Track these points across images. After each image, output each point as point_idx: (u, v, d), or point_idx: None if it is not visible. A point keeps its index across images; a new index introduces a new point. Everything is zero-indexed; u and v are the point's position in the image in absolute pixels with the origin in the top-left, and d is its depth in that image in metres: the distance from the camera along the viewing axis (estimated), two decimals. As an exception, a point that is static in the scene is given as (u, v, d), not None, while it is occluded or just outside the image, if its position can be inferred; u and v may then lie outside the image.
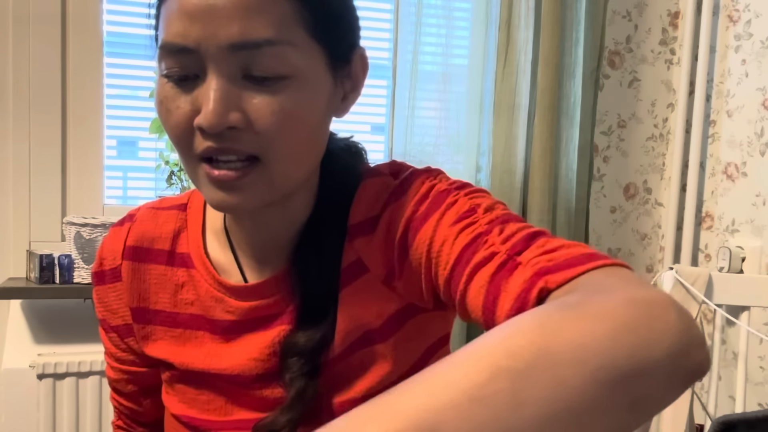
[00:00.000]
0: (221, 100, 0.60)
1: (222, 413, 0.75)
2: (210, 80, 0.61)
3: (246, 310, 0.73)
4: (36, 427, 1.57)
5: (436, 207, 0.66)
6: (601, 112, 2.07)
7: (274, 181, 0.64)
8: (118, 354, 0.81)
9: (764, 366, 1.86)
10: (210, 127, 0.60)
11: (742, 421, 0.97)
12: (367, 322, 0.71)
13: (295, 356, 0.69)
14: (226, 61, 0.60)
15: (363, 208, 0.71)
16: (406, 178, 0.71)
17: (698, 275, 1.37)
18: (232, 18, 0.59)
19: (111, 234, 0.80)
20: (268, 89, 0.61)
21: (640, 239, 2.18)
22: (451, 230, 0.63)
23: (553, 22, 1.83)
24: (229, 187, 0.63)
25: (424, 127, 1.87)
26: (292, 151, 0.64)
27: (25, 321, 1.67)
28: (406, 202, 0.68)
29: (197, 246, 0.76)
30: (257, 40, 0.60)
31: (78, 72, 1.73)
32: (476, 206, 0.64)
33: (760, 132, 1.90)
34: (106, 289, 0.79)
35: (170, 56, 0.62)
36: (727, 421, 0.97)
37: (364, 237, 0.71)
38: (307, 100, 0.64)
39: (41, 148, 1.70)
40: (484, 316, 0.59)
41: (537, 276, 0.54)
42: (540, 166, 1.85)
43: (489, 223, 0.62)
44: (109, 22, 1.78)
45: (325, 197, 0.73)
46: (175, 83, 0.63)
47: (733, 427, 0.97)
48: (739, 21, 1.97)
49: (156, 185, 1.84)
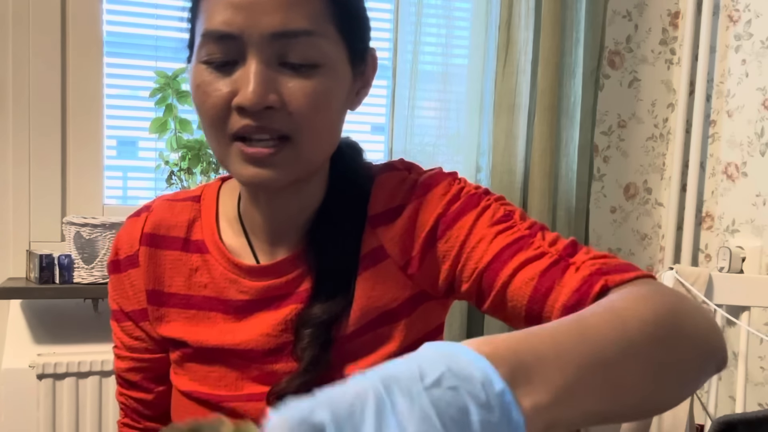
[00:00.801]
0: (262, 82, 0.67)
1: (233, 388, 0.79)
2: (250, 64, 0.68)
3: (260, 289, 0.78)
4: (36, 427, 1.57)
5: (470, 208, 0.74)
6: (601, 112, 2.07)
7: (302, 159, 0.72)
8: (131, 343, 0.84)
9: (764, 366, 1.86)
10: (251, 106, 0.67)
11: (742, 421, 0.97)
12: (383, 304, 0.77)
13: (310, 328, 0.74)
14: (266, 47, 0.68)
15: (383, 199, 0.78)
16: (431, 177, 0.79)
17: (698, 275, 1.37)
18: (274, 10, 0.67)
19: (128, 224, 0.85)
20: (301, 75, 0.69)
21: (640, 239, 2.18)
22: (488, 231, 0.72)
23: (553, 22, 1.83)
24: (262, 162, 0.70)
25: (424, 127, 1.87)
26: (319, 131, 0.72)
27: (25, 321, 1.67)
28: (434, 200, 0.76)
29: (212, 233, 0.82)
30: (296, 30, 0.68)
31: (78, 72, 1.73)
32: (511, 212, 0.74)
33: (761, 132, 1.90)
34: (121, 277, 0.83)
35: (213, 42, 0.69)
36: (727, 421, 0.97)
37: (386, 226, 0.78)
38: (334, 88, 0.72)
39: (41, 148, 1.70)
40: (529, 304, 0.68)
41: (597, 275, 0.64)
42: (540, 166, 1.85)
43: (529, 228, 0.72)
44: (109, 22, 1.78)
45: (337, 186, 0.80)
46: (215, 68, 0.69)
47: (733, 427, 0.97)
48: (739, 21, 1.97)
49: (156, 185, 1.84)
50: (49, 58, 1.69)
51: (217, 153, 0.74)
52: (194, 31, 0.73)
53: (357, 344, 0.77)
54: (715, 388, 1.39)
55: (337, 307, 0.75)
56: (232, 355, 0.79)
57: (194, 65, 0.72)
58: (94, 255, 1.58)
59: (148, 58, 1.82)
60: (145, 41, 1.82)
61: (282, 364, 0.78)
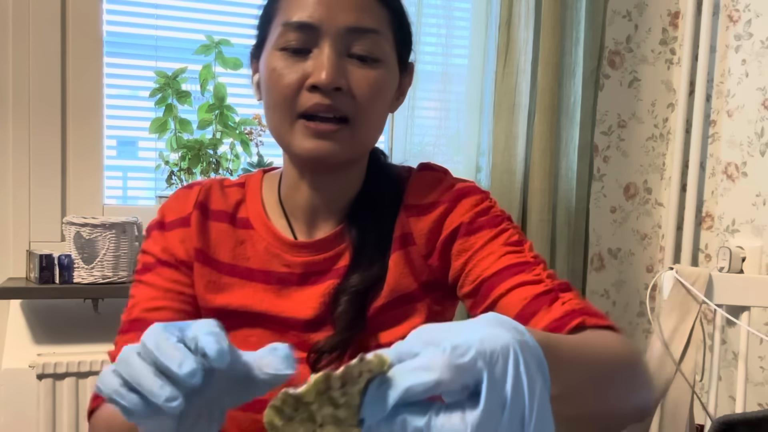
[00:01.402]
0: (335, 66, 0.80)
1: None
2: (325, 52, 0.80)
3: (301, 264, 0.88)
4: (36, 427, 1.57)
5: (491, 225, 0.87)
6: (601, 112, 2.07)
7: (357, 140, 0.84)
8: (168, 285, 0.88)
9: (764, 366, 1.86)
10: (325, 85, 0.79)
11: (742, 421, 0.97)
12: (408, 284, 0.87)
13: (347, 296, 0.84)
14: (339, 39, 0.81)
15: (419, 192, 0.90)
16: (468, 187, 0.91)
17: (698, 275, 1.37)
18: (349, 9, 0.81)
19: (179, 194, 0.93)
20: (366, 66, 0.82)
21: (640, 239, 2.18)
22: (500, 248, 0.84)
23: (553, 22, 1.83)
24: (324, 136, 0.81)
25: (424, 127, 1.87)
26: (373, 118, 0.85)
27: (25, 321, 1.67)
28: (464, 207, 0.88)
29: (257, 212, 0.91)
30: (366, 27, 0.82)
31: (78, 72, 1.73)
32: (523, 241, 0.86)
33: (761, 132, 1.90)
34: (166, 234, 0.90)
35: (294, 31, 0.81)
36: (727, 421, 0.97)
37: (417, 217, 0.89)
38: (389, 83, 0.86)
39: (41, 148, 1.70)
40: (515, 318, 0.76)
41: (579, 313, 0.76)
42: (540, 166, 1.85)
43: (534, 258, 0.84)
44: (109, 22, 1.78)
45: (374, 177, 0.91)
46: (291, 54, 0.81)
47: (733, 427, 0.97)
48: (739, 21, 1.97)
49: (156, 185, 1.84)
50: (49, 58, 1.69)
51: (279, 130, 0.84)
52: (267, 28, 0.85)
53: (388, 316, 0.86)
54: (715, 388, 1.39)
55: (372, 278, 0.85)
56: (272, 321, 0.86)
57: (269, 53, 0.83)
58: (94, 255, 1.58)
59: (148, 58, 1.82)
60: (145, 41, 1.82)
61: (320, 334, 0.85)
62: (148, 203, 1.86)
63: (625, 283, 2.17)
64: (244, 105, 1.87)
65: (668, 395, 1.38)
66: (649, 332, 2.18)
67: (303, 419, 0.41)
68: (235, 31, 1.84)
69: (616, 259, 2.16)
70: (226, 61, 1.71)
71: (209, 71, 1.71)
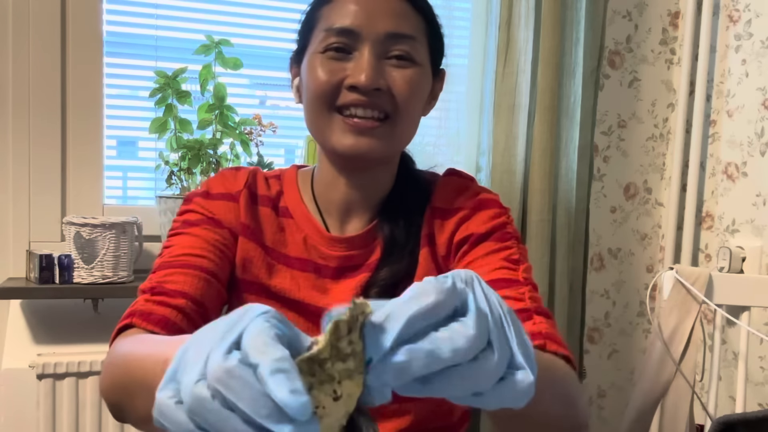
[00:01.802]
0: (374, 68, 0.85)
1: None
2: (365, 55, 0.86)
3: (336, 258, 0.93)
4: (36, 427, 1.57)
5: (498, 240, 0.92)
6: (601, 112, 2.07)
7: (395, 137, 0.89)
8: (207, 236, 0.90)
9: (764, 366, 1.86)
10: (364, 87, 0.84)
11: (742, 421, 0.97)
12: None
13: (377, 288, 0.88)
14: (378, 44, 0.86)
15: (445, 196, 0.96)
16: (490, 199, 0.96)
17: (698, 275, 1.37)
18: (389, 16, 0.87)
19: (226, 173, 0.97)
20: (403, 68, 0.88)
21: (640, 239, 2.18)
22: (496, 262, 0.90)
23: (553, 22, 1.83)
24: (363, 132, 0.86)
25: (424, 127, 1.86)
26: (411, 116, 0.91)
27: (25, 321, 1.67)
28: (481, 218, 0.93)
29: (297, 203, 0.96)
30: (405, 33, 0.88)
31: (78, 72, 1.73)
32: (521, 261, 0.91)
33: (761, 132, 1.90)
34: (211, 202, 0.94)
35: (336, 35, 0.86)
36: (727, 421, 0.97)
37: (441, 220, 0.95)
38: (424, 85, 0.91)
39: (41, 147, 1.70)
40: None
41: (543, 337, 0.83)
42: (540, 166, 1.85)
43: (524, 279, 0.89)
44: (109, 22, 1.77)
45: (404, 177, 0.97)
46: (331, 56, 0.86)
47: (733, 427, 0.97)
48: (739, 21, 1.97)
49: (156, 185, 1.83)
50: (49, 58, 1.69)
51: (317, 126, 0.89)
52: (309, 35, 0.90)
53: None
54: (715, 388, 1.39)
55: (401, 272, 0.90)
56: (307, 310, 0.90)
57: (310, 57, 0.89)
58: (94, 255, 1.58)
59: (148, 58, 1.82)
60: (145, 41, 1.82)
61: None
62: (148, 203, 1.86)
63: (625, 283, 2.17)
64: (244, 105, 1.87)
65: (668, 395, 1.38)
66: (649, 332, 2.18)
67: (323, 380, 0.39)
68: (235, 31, 1.84)
69: (616, 259, 2.16)
70: (226, 61, 1.71)
71: (209, 71, 1.71)
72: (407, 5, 0.90)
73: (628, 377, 2.19)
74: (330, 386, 0.39)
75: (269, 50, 1.91)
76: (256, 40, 1.89)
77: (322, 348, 0.39)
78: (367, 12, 0.86)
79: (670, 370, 1.37)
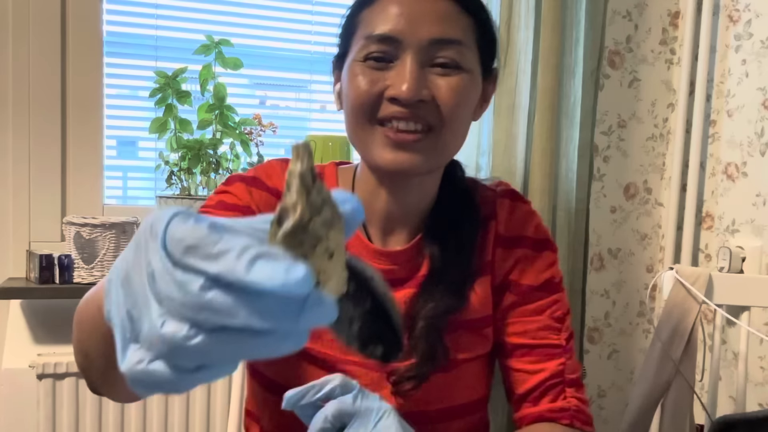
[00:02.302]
0: (417, 79, 0.79)
1: (344, 351, 0.85)
2: (406, 64, 0.79)
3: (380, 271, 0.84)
4: (36, 427, 1.57)
5: (549, 292, 0.92)
6: (601, 112, 2.07)
7: (440, 149, 0.83)
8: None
9: (764, 366, 1.86)
10: (406, 99, 0.78)
11: (742, 421, 0.97)
12: (486, 310, 0.91)
13: (424, 323, 0.83)
14: (422, 51, 0.80)
15: (508, 224, 0.92)
16: (548, 240, 0.94)
17: (698, 275, 1.37)
18: (433, 21, 0.80)
19: (275, 165, 0.91)
20: (449, 76, 0.81)
21: (640, 239, 2.18)
22: (544, 321, 0.90)
23: (553, 22, 1.83)
24: (405, 147, 0.80)
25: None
26: (458, 126, 0.83)
27: (25, 321, 1.67)
28: (540, 267, 0.92)
29: None
30: (451, 38, 0.81)
31: (78, 72, 1.73)
32: (565, 317, 0.92)
33: (761, 132, 1.90)
34: (252, 190, 0.88)
35: (377, 43, 0.81)
36: (727, 421, 0.97)
37: (502, 248, 0.92)
38: (472, 92, 0.85)
39: (41, 147, 1.70)
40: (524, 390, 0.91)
41: (572, 416, 0.89)
42: (540, 166, 1.85)
43: (566, 341, 0.91)
44: (109, 22, 1.78)
45: (449, 187, 0.91)
46: (372, 65, 0.81)
47: (733, 427, 0.97)
48: (739, 21, 1.97)
49: (156, 185, 1.84)
50: (49, 58, 1.69)
51: (358, 138, 0.84)
52: (350, 40, 0.85)
53: (464, 338, 0.88)
54: (715, 388, 1.39)
55: (451, 309, 0.85)
56: None
57: (350, 64, 0.83)
58: (94, 255, 1.58)
59: (148, 58, 1.82)
60: (145, 41, 1.82)
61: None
62: (148, 203, 1.86)
63: (625, 283, 2.17)
64: (244, 105, 1.87)
65: (668, 395, 1.38)
66: (649, 332, 2.18)
67: (313, 245, 0.34)
68: (235, 31, 1.84)
69: (616, 259, 2.16)
70: (226, 61, 1.71)
71: (209, 71, 1.71)
72: (454, 6, 0.83)
73: (628, 377, 2.19)
74: (321, 246, 0.34)
75: (269, 50, 1.91)
76: (256, 40, 1.90)
77: (302, 210, 0.34)
78: (409, 16, 0.80)
79: (670, 370, 1.37)
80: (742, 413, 1.11)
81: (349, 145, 1.72)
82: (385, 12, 0.81)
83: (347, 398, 0.70)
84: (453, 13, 0.83)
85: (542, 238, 0.93)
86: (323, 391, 0.70)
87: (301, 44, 1.93)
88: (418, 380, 0.83)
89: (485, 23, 0.88)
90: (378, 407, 0.70)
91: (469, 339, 0.90)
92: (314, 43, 1.94)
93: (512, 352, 0.92)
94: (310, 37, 1.93)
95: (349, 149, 1.78)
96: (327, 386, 0.70)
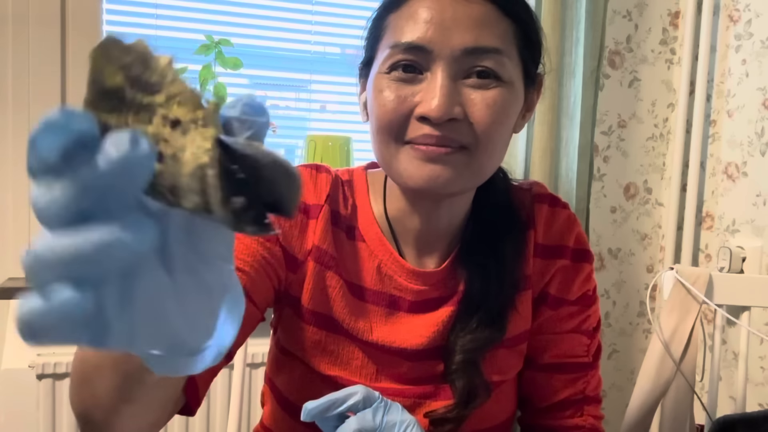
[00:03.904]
0: (448, 95, 0.70)
1: (371, 379, 0.82)
2: (437, 77, 0.70)
3: (414, 291, 0.81)
4: (36, 427, 1.57)
5: (584, 306, 0.88)
6: (601, 112, 2.07)
7: (474, 168, 0.74)
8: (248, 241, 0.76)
9: (765, 366, 1.86)
10: (436, 118, 0.69)
11: (742, 421, 0.97)
12: (524, 326, 0.86)
13: (462, 356, 0.79)
14: (454, 62, 0.71)
15: (548, 232, 0.85)
16: (587, 251, 0.88)
17: (698, 275, 1.37)
18: (467, 28, 0.71)
19: (305, 173, 0.82)
20: (484, 89, 0.72)
21: (641, 239, 2.18)
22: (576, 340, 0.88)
23: (553, 22, 1.83)
24: (436, 160, 0.71)
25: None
26: (495, 144, 0.74)
27: (25, 321, 1.67)
28: (579, 281, 0.87)
29: (370, 223, 0.83)
30: (487, 47, 0.71)
31: (78, 72, 1.73)
32: (596, 330, 0.89)
33: (761, 132, 1.90)
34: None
35: (404, 53, 0.72)
36: (727, 421, 0.97)
37: (541, 259, 0.85)
38: (511, 105, 0.75)
39: (41, 148, 1.70)
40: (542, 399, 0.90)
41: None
42: (540, 166, 1.85)
43: (593, 357, 0.90)
44: (109, 22, 1.77)
45: (483, 201, 0.83)
46: (399, 78, 0.72)
47: (733, 427, 0.97)
48: (739, 21, 1.97)
49: (156, 185, 1.83)
50: (49, 57, 1.69)
51: (384, 157, 0.75)
52: (375, 47, 0.77)
53: (501, 355, 0.84)
54: (715, 388, 1.39)
55: (491, 341, 0.80)
56: (378, 349, 0.81)
57: (376, 75, 0.75)
58: (94, 255, 1.58)
59: (148, 58, 1.82)
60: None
61: (428, 363, 0.81)
62: (148, 203, 1.86)
63: (625, 283, 2.17)
64: (244, 105, 1.86)
65: (668, 395, 1.38)
66: (649, 332, 2.18)
67: (137, 111, 0.33)
68: (235, 31, 1.84)
69: (616, 259, 2.16)
70: (226, 61, 1.71)
71: (209, 71, 1.71)
72: (492, 9, 0.73)
73: (628, 377, 2.19)
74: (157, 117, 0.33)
75: (269, 50, 1.91)
76: (256, 40, 1.90)
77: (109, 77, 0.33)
78: (440, 23, 0.70)
79: (670, 370, 1.37)
80: (742, 413, 1.11)
81: (350, 145, 1.72)
82: (414, 17, 0.71)
83: (368, 414, 0.67)
84: (490, 17, 0.72)
85: (582, 249, 0.87)
86: (346, 404, 0.68)
87: (301, 44, 1.93)
88: (458, 423, 0.79)
89: (528, 26, 0.77)
90: (401, 420, 0.68)
91: (506, 358, 0.85)
92: (314, 43, 1.94)
93: (540, 367, 0.89)
94: (310, 37, 1.93)
95: (349, 149, 1.78)
96: (350, 400, 0.67)
